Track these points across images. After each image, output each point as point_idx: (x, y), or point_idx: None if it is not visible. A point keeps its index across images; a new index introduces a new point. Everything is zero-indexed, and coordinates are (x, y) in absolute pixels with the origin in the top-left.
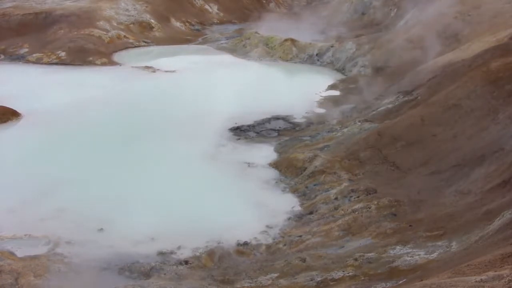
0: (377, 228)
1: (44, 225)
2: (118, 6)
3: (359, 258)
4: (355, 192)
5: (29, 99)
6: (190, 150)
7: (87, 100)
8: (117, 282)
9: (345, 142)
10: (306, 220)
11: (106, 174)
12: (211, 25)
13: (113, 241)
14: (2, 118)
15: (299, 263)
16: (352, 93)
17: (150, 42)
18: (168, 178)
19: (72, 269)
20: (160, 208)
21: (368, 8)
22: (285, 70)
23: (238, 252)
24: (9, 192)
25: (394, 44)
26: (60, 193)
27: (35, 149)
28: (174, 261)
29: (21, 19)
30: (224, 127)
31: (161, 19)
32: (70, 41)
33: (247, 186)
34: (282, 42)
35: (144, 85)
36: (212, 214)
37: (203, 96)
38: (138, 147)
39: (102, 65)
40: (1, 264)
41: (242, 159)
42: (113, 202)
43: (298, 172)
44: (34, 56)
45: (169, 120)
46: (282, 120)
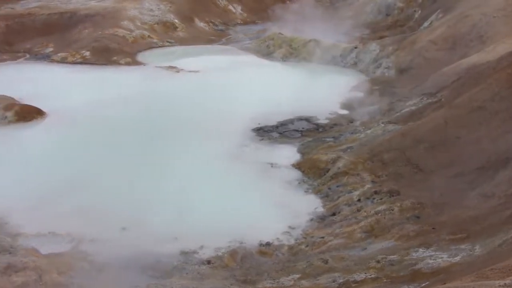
0: (400, 231)
1: (68, 223)
2: (142, 6)
3: (381, 260)
4: (378, 194)
5: (53, 98)
6: (213, 150)
7: (111, 99)
8: (139, 280)
9: (369, 144)
10: (329, 221)
11: (130, 173)
12: (235, 26)
13: (136, 240)
14: (27, 117)
15: (321, 264)
16: (375, 95)
17: (174, 42)
18: (191, 177)
19: (95, 267)
20: (182, 207)
21: (392, 9)
22: (309, 71)
23: (260, 252)
24: (34, 189)
25: (418, 46)
26: (84, 191)
27: (60, 147)
28: (196, 261)
29: (46, 19)
30: (247, 127)
31: (185, 19)
32: (94, 40)
33: (270, 187)
34: (305, 43)
35: (168, 85)
36: (235, 214)
37: (227, 96)
38: (161, 146)
39: (126, 65)
40: (26, 260)
41: (265, 160)
42: (136, 201)
43: (321, 173)
44: (58, 56)
45: (192, 120)
46: (305, 121)
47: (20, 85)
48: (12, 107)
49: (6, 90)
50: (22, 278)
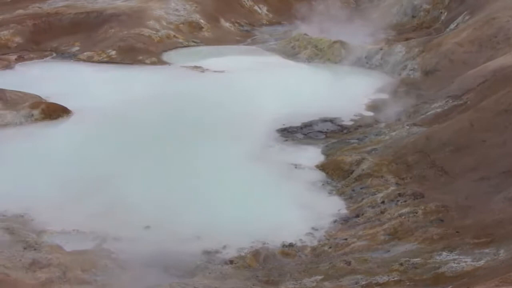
0: (424, 233)
1: (92, 221)
2: (168, 6)
3: (404, 263)
4: (402, 196)
5: (79, 96)
6: (238, 150)
7: (136, 99)
8: (162, 279)
9: (393, 146)
10: (352, 223)
11: (154, 172)
12: (260, 26)
13: (159, 239)
14: (53, 115)
15: (344, 266)
16: (400, 97)
17: (199, 42)
18: (215, 177)
19: (118, 265)
20: (206, 207)
21: (418, 11)
22: (334, 72)
23: (283, 253)
24: (59, 187)
25: (444, 48)
26: (108, 189)
27: (85, 146)
28: (219, 261)
29: (73, 18)
30: (271, 128)
31: (210, 19)
32: (120, 40)
33: (294, 188)
34: (331, 44)
35: (193, 85)
36: (258, 215)
37: (252, 96)
38: (185, 146)
39: (151, 64)
40: (50, 257)
41: (289, 161)
42: (160, 200)
43: (345, 174)
44: (85, 55)
45: (217, 120)
46: (330, 122)
47: (46, 83)
48: (39, 105)
49: (32, 88)
50: (46, 274)
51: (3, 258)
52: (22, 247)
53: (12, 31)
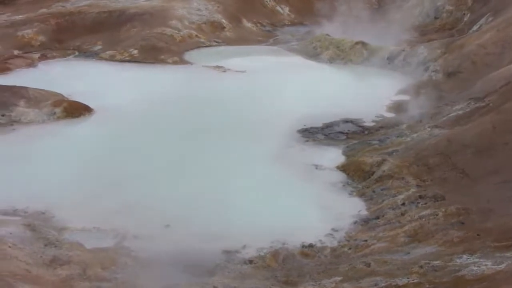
0: (444, 236)
1: (112, 219)
2: (190, 6)
3: (424, 266)
4: (422, 199)
5: (101, 95)
6: (258, 150)
7: (158, 98)
8: (181, 278)
9: (414, 148)
10: (372, 224)
11: (174, 171)
12: (282, 27)
13: (179, 238)
14: (75, 113)
15: (363, 267)
16: (422, 98)
17: (221, 42)
18: (235, 177)
19: (138, 263)
20: (226, 206)
21: (441, 12)
22: (355, 73)
23: (303, 254)
24: (79, 184)
25: (466, 50)
26: (129, 188)
27: (106, 144)
28: (238, 260)
29: (95, 17)
30: (292, 128)
31: (232, 19)
32: (142, 39)
33: (314, 188)
34: (352, 45)
35: (214, 84)
36: (278, 215)
37: (273, 97)
38: (206, 145)
39: (173, 64)
40: (71, 254)
41: (310, 161)
42: (180, 199)
43: (365, 176)
44: (107, 54)
45: (238, 120)
46: (351, 123)
47: (69, 81)
48: (61, 103)
49: (55, 86)
50: (66, 271)
51: (24, 254)
52: (43, 244)
53: (35, 29)
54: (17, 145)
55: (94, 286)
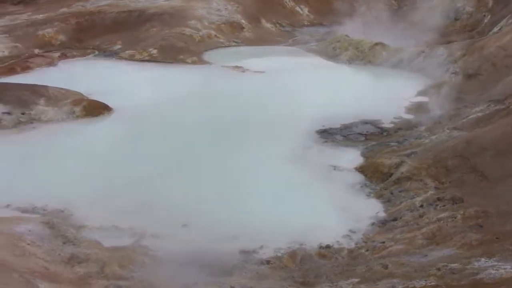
0: (462, 239)
1: (130, 218)
2: (210, 6)
3: (442, 268)
4: (441, 201)
5: (120, 94)
6: (276, 150)
7: (177, 98)
8: (199, 278)
9: (433, 150)
10: (390, 226)
11: (192, 170)
12: (301, 27)
13: (196, 237)
14: (94, 112)
15: (380, 269)
16: (441, 100)
17: (240, 42)
18: (253, 177)
19: (155, 262)
20: (244, 206)
21: (461, 14)
22: (374, 74)
23: (320, 254)
24: (99, 183)
25: (486, 51)
26: (147, 187)
27: (125, 143)
28: (255, 260)
29: (115, 17)
30: (311, 129)
31: (251, 19)
32: (162, 39)
33: (332, 189)
34: (372, 46)
35: (233, 85)
36: (296, 215)
37: (292, 97)
38: (225, 145)
39: (192, 64)
40: (89, 252)
41: (328, 162)
42: (198, 199)
43: (384, 177)
44: (126, 53)
45: (256, 120)
46: (369, 125)
47: (88, 81)
48: (80, 102)
49: (74, 85)
50: (84, 269)
51: (43, 252)
52: (62, 242)
53: (56, 29)
54: (37, 144)
55: (112, 284)
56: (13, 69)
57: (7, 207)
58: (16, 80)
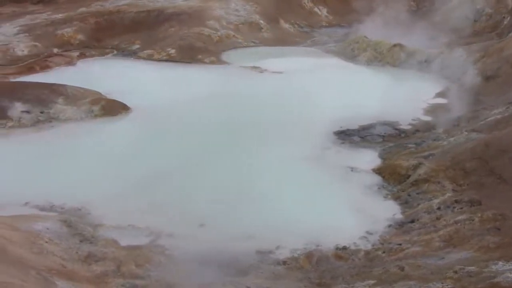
0: (480, 242)
1: (147, 217)
2: (228, 6)
3: (459, 271)
4: (458, 203)
5: (138, 94)
6: (294, 151)
7: (195, 97)
8: (215, 277)
9: (451, 152)
10: (407, 228)
11: (209, 171)
12: (320, 28)
13: (213, 237)
14: (112, 112)
15: (397, 271)
16: (460, 102)
17: (258, 43)
18: (270, 177)
19: (172, 262)
20: (260, 207)
21: (480, 15)
22: (393, 75)
23: (336, 256)
24: (115, 182)
25: (506, 53)
26: (164, 186)
27: (143, 143)
28: (272, 261)
29: (134, 17)
30: (328, 130)
31: (270, 20)
32: (180, 39)
33: (349, 191)
34: (390, 47)
35: (251, 85)
36: (312, 216)
37: (310, 98)
38: (242, 145)
39: (210, 64)
40: (105, 251)
41: (345, 163)
42: (214, 199)
43: (401, 179)
44: (145, 53)
45: (274, 120)
46: (387, 126)
47: (106, 80)
48: (99, 102)
49: (93, 85)
50: (101, 267)
51: (60, 249)
52: (79, 240)
53: (75, 28)
54: (55, 142)
55: (128, 283)
56: (32, 68)
57: (25, 205)
58: (35, 79)
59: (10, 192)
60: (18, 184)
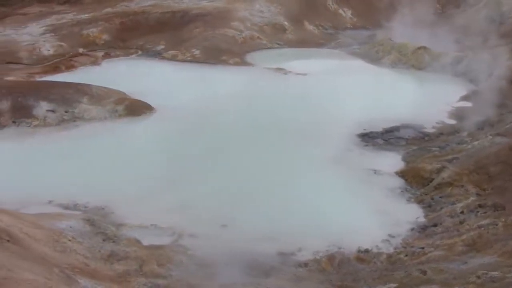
0: (503, 247)
1: (170, 217)
2: (253, 8)
3: (482, 276)
4: (482, 207)
5: (162, 94)
6: (317, 152)
7: (219, 98)
8: (236, 278)
9: (475, 155)
10: (430, 232)
11: (232, 171)
12: (344, 30)
13: (235, 238)
14: (136, 111)
15: (419, 275)
16: (484, 106)
17: (282, 44)
18: (293, 179)
19: (194, 262)
20: (283, 208)
21: (506, 18)
22: (417, 78)
23: (358, 258)
24: (139, 182)
25: None
26: (187, 187)
27: (166, 143)
28: (293, 263)
29: (159, 17)
30: (352, 132)
31: (294, 21)
32: (205, 40)
33: (372, 193)
34: (415, 50)
35: (275, 87)
36: (335, 218)
37: (334, 100)
38: (265, 146)
39: (234, 65)
40: (128, 250)
41: (369, 166)
42: (237, 200)
43: (424, 182)
44: (169, 53)
45: (298, 122)
46: (411, 129)
47: (131, 80)
48: (123, 102)
49: (117, 85)
50: (123, 266)
51: (83, 248)
52: (102, 239)
53: (100, 28)
54: (80, 142)
55: (150, 282)
56: (58, 67)
57: (49, 203)
58: (60, 79)
59: (34, 190)
60: (42, 182)
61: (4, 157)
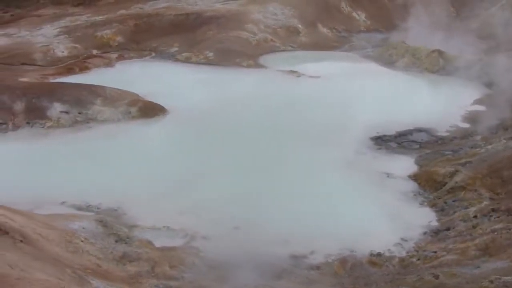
0: None
1: (182, 219)
2: (266, 10)
3: (495, 281)
4: (495, 212)
5: (176, 96)
6: (330, 155)
7: (232, 101)
8: (248, 280)
9: (488, 159)
10: (443, 236)
11: (245, 173)
12: (358, 33)
13: (247, 240)
14: (149, 113)
15: (431, 279)
16: (499, 109)
17: (296, 47)
18: (305, 182)
19: (206, 264)
20: (295, 211)
21: None
22: (431, 82)
23: (371, 262)
24: (152, 183)
25: None
26: (200, 189)
27: (179, 145)
28: (305, 265)
29: (172, 19)
30: (365, 135)
31: (308, 24)
32: (218, 42)
33: (384, 197)
34: (428, 53)
35: (288, 89)
36: (347, 222)
37: (347, 103)
38: (278, 149)
39: (248, 67)
40: (140, 251)
41: (381, 169)
42: (249, 202)
43: (437, 186)
44: (183, 55)
45: (310, 125)
46: (424, 133)
47: (144, 82)
48: (136, 103)
49: (131, 86)
50: (135, 268)
51: (96, 249)
52: (114, 240)
53: (114, 30)
54: (93, 143)
55: (162, 283)
56: (71, 69)
57: (62, 204)
58: (74, 80)
59: (47, 191)
60: (56, 183)
61: (18, 158)
